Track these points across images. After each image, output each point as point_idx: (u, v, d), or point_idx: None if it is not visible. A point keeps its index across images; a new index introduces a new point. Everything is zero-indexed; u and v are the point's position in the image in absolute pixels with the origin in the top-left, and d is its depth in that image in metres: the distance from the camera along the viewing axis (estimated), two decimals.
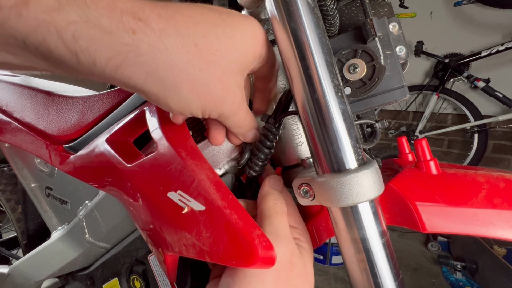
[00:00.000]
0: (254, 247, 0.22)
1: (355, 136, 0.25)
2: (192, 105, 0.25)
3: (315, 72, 0.25)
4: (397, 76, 0.31)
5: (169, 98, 0.24)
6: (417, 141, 0.34)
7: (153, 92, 0.23)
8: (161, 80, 0.22)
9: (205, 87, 0.25)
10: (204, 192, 0.25)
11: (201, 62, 0.24)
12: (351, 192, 0.24)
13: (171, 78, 0.23)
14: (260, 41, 0.28)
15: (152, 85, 0.23)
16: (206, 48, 0.24)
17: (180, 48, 0.22)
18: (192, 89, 0.24)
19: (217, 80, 0.25)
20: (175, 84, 0.23)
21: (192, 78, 0.24)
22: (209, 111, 0.26)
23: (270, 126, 0.32)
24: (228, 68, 0.25)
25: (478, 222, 0.28)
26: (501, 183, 0.30)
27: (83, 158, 0.46)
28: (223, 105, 0.26)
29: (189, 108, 0.25)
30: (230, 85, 0.26)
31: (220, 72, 0.25)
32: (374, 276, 0.25)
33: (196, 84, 0.24)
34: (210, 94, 0.25)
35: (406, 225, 0.30)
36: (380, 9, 0.34)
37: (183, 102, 0.25)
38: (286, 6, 0.25)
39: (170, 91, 0.23)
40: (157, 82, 0.22)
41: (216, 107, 0.26)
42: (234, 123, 0.29)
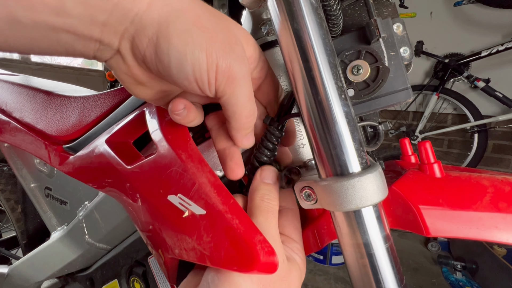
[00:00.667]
0: (255, 253, 0.22)
1: (359, 139, 0.25)
2: (196, 40, 0.22)
3: (318, 73, 0.24)
4: (401, 77, 0.30)
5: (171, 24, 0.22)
6: (421, 144, 0.34)
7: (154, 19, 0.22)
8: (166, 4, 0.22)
9: (212, 25, 0.23)
10: (205, 196, 0.25)
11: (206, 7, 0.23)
12: (354, 197, 0.24)
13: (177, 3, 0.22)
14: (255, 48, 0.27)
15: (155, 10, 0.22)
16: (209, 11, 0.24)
17: None
18: (196, 21, 0.22)
19: (223, 28, 0.24)
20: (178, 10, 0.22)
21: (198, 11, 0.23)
22: (217, 59, 0.23)
23: (273, 129, 0.32)
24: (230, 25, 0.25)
25: (483, 226, 0.28)
26: (506, 186, 0.29)
27: (83, 158, 0.45)
28: (231, 53, 0.23)
29: (192, 45, 0.22)
30: (237, 38, 0.25)
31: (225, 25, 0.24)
32: (377, 281, 0.25)
33: (201, 18, 0.23)
34: (216, 35, 0.23)
35: (410, 228, 0.30)
36: (384, 10, 0.34)
37: (186, 34, 0.22)
38: (289, 6, 0.25)
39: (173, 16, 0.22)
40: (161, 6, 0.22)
41: (224, 53, 0.23)
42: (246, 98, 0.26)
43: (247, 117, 0.27)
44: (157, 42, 0.22)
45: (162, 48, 0.22)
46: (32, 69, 2.70)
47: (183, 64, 0.22)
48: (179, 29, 0.22)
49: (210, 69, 0.23)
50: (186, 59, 0.22)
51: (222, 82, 0.24)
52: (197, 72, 0.23)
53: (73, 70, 3.07)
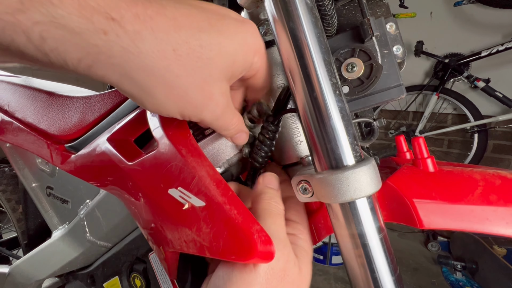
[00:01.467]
0: (253, 242, 0.23)
1: (353, 133, 0.26)
2: (169, 108, 0.24)
3: (314, 71, 0.25)
4: (394, 75, 0.31)
5: (144, 99, 0.23)
6: (414, 139, 0.35)
7: (128, 92, 0.23)
8: (135, 82, 0.22)
9: (183, 93, 0.23)
10: (205, 188, 0.26)
11: (180, 69, 0.22)
12: (349, 188, 0.24)
13: (145, 82, 0.22)
14: (252, 49, 0.26)
15: (127, 86, 0.22)
16: (187, 55, 0.22)
17: (156, 52, 0.21)
18: (168, 94, 0.23)
19: (196, 87, 0.23)
20: (149, 87, 0.22)
21: (168, 83, 0.22)
22: (189, 116, 0.25)
23: (269, 124, 0.32)
24: (210, 76, 0.24)
25: (475, 218, 0.28)
26: (497, 180, 0.30)
27: (85, 157, 0.46)
28: (203, 112, 0.25)
29: (166, 111, 0.24)
30: (212, 93, 0.25)
31: (201, 80, 0.23)
32: (371, 271, 0.26)
33: (172, 89, 0.23)
34: (188, 101, 0.24)
35: (404, 221, 0.31)
36: (377, 9, 0.35)
37: (159, 105, 0.23)
38: (285, 6, 0.25)
39: (145, 93, 0.22)
40: (131, 83, 0.22)
41: (196, 113, 0.25)
42: (218, 127, 0.28)
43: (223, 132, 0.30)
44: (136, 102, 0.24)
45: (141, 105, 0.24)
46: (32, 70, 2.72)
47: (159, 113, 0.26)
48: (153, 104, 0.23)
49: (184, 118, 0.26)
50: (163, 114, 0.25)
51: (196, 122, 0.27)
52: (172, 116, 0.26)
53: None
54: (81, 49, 0.19)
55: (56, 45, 0.18)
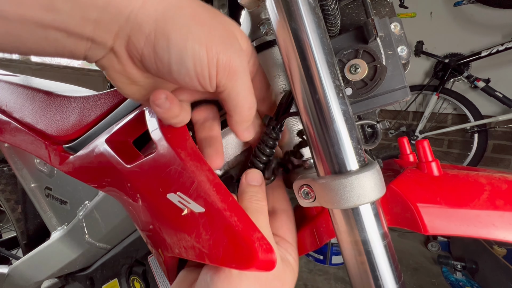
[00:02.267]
0: (254, 250, 0.22)
1: (357, 137, 0.25)
2: (196, 35, 0.22)
3: (316, 72, 0.25)
4: (399, 76, 0.31)
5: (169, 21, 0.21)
6: (418, 142, 0.34)
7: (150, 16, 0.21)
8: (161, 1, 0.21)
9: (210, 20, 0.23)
10: (204, 194, 0.25)
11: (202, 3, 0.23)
12: (352, 194, 0.24)
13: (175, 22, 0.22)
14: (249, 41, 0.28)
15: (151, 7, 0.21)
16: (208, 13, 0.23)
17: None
18: (195, 16, 0.22)
19: (220, 23, 0.24)
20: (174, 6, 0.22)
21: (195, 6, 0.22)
22: (217, 53, 0.23)
23: (270, 130, 0.32)
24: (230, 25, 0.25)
25: (480, 224, 0.28)
26: (504, 184, 0.29)
27: (83, 158, 0.45)
28: (230, 47, 0.24)
29: (192, 41, 0.22)
30: (234, 37, 0.25)
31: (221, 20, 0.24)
32: (375, 278, 0.25)
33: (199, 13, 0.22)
34: (214, 29, 0.23)
35: (408, 226, 0.30)
36: (381, 9, 0.34)
37: (185, 29, 0.22)
38: (287, 6, 0.25)
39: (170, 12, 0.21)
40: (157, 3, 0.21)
41: (224, 49, 0.23)
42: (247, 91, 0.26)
43: (248, 109, 0.27)
44: (155, 40, 0.22)
45: (161, 45, 0.22)
46: (32, 69, 2.71)
47: (184, 60, 0.22)
48: (178, 25, 0.21)
49: (211, 63, 0.23)
50: (187, 54, 0.22)
51: (224, 76, 0.24)
52: (198, 67, 0.23)
53: (73, 70, 3.07)
54: None
55: None
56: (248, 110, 0.27)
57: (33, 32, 0.19)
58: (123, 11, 0.21)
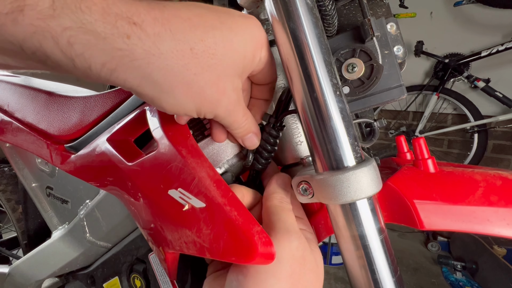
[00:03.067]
0: (253, 243, 0.22)
1: (354, 134, 0.26)
2: (186, 107, 0.25)
3: (314, 71, 0.25)
4: (395, 75, 0.31)
5: (163, 100, 0.24)
6: (415, 140, 0.35)
7: (147, 95, 0.24)
8: (156, 83, 0.23)
9: (200, 90, 0.25)
10: (205, 189, 0.26)
11: (197, 67, 0.24)
12: (349, 189, 0.24)
13: (165, 82, 0.23)
14: (259, 43, 0.27)
15: (147, 88, 0.23)
16: (203, 52, 0.24)
17: (175, 52, 0.22)
18: (186, 93, 0.24)
19: (212, 84, 0.25)
20: (169, 88, 0.23)
21: (186, 82, 0.24)
22: (204, 113, 0.27)
23: (270, 128, 0.32)
24: (224, 72, 0.25)
25: (476, 219, 0.28)
26: (498, 181, 0.30)
27: (84, 157, 0.46)
28: (218, 107, 0.27)
29: (183, 110, 0.26)
30: (226, 89, 0.26)
31: (215, 76, 0.25)
32: (372, 272, 0.26)
33: (191, 88, 0.24)
34: (204, 97, 0.25)
35: (404, 222, 0.30)
36: (378, 10, 0.34)
37: (177, 105, 0.25)
38: (285, 6, 0.25)
39: (164, 94, 0.24)
40: (151, 85, 0.23)
41: (211, 109, 0.26)
42: (230, 124, 0.29)
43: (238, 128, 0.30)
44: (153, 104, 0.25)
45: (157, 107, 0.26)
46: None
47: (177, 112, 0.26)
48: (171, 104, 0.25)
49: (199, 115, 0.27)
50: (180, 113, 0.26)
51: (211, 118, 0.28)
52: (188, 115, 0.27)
53: None
54: (106, 53, 0.20)
55: (82, 50, 0.19)
56: (235, 130, 0.30)
57: None
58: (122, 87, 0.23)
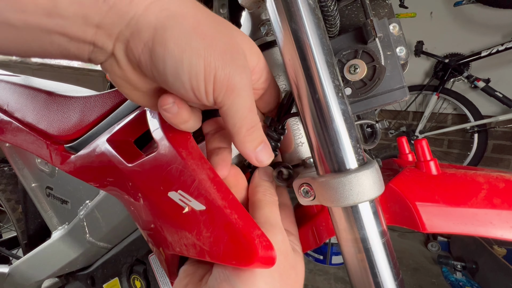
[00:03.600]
0: (254, 247, 0.22)
1: (356, 136, 0.25)
2: (194, 47, 0.21)
3: (316, 72, 0.25)
4: (398, 76, 0.31)
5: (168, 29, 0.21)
6: (417, 142, 0.34)
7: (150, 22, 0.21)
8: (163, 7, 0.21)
9: (213, 32, 0.22)
10: (205, 192, 0.25)
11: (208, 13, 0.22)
12: (351, 192, 0.24)
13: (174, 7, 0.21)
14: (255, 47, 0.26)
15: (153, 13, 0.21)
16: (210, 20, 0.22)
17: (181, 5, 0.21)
18: (196, 27, 0.21)
19: (225, 35, 0.23)
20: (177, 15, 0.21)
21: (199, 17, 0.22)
22: (215, 68, 0.22)
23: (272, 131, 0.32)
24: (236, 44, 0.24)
25: (478, 222, 0.28)
26: (501, 183, 0.30)
27: (84, 158, 0.46)
28: (231, 63, 0.22)
29: (189, 53, 0.21)
30: (239, 51, 0.23)
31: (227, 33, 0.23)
32: (374, 275, 0.26)
33: (202, 24, 0.21)
34: (216, 42, 0.22)
35: (406, 225, 0.30)
36: (380, 10, 0.34)
37: (183, 40, 0.21)
38: (287, 6, 0.25)
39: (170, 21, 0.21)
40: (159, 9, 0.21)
41: (223, 62, 0.22)
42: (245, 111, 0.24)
43: (248, 129, 0.25)
44: (152, 48, 0.21)
45: (157, 53, 0.21)
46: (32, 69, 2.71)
47: (179, 72, 0.21)
48: (176, 34, 0.21)
49: (207, 78, 0.22)
50: (183, 66, 0.21)
51: (221, 93, 0.23)
52: (194, 81, 0.22)
53: (73, 70, 3.07)
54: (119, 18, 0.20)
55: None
56: (247, 130, 0.25)
57: (37, 37, 0.20)
58: (124, 16, 0.20)
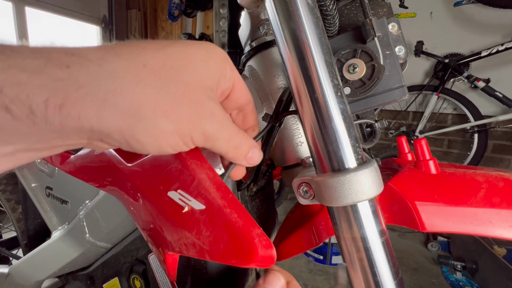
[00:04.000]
0: (253, 246, 0.22)
1: (355, 135, 0.25)
2: (165, 129, 0.21)
3: (315, 72, 0.25)
4: (396, 76, 0.31)
5: (134, 127, 0.20)
6: (416, 141, 0.34)
7: (113, 127, 0.19)
8: (116, 108, 0.19)
9: (171, 104, 0.21)
10: (204, 191, 0.26)
11: (156, 81, 0.20)
12: (350, 191, 0.24)
13: (126, 103, 0.19)
14: (220, 57, 0.25)
15: (108, 118, 0.19)
16: (159, 68, 0.21)
17: (126, 71, 0.19)
18: (155, 109, 0.20)
19: (181, 96, 0.21)
20: (133, 108, 0.19)
21: (151, 98, 0.20)
22: (190, 133, 0.22)
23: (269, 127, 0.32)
24: (192, 83, 0.22)
25: (477, 221, 0.28)
26: (500, 182, 0.30)
27: (84, 157, 0.46)
28: (201, 121, 0.22)
29: (163, 136, 0.21)
30: (202, 100, 0.23)
31: (183, 88, 0.21)
32: (373, 274, 0.26)
33: (158, 103, 0.20)
34: (180, 112, 0.21)
35: (406, 224, 0.30)
36: (379, 9, 0.34)
37: (152, 129, 0.20)
38: (286, 6, 0.25)
39: (130, 118, 0.19)
40: (112, 112, 0.19)
41: (194, 125, 0.22)
42: (227, 143, 0.25)
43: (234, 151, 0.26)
44: (129, 145, 0.21)
45: (137, 148, 0.21)
46: None
47: (163, 151, 0.22)
48: (144, 128, 0.20)
49: (187, 143, 0.23)
50: (164, 147, 0.22)
51: (201, 144, 0.24)
52: (177, 148, 0.23)
53: None
54: (46, 87, 0.17)
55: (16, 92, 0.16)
56: (234, 151, 0.26)
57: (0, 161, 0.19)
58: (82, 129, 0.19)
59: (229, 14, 0.55)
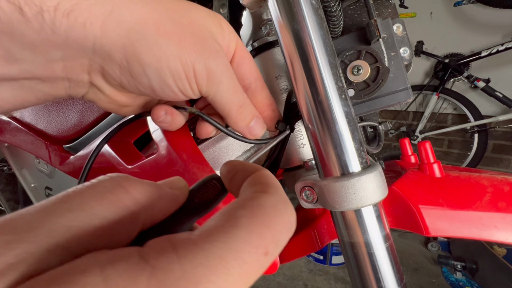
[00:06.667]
0: None
1: (359, 139, 0.25)
2: (167, 51, 0.21)
3: (319, 73, 0.25)
4: (401, 77, 0.31)
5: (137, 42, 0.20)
6: (420, 144, 0.34)
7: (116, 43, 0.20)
8: (120, 21, 0.19)
9: (174, 28, 0.21)
10: None
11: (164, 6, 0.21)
12: (354, 196, 0.24)
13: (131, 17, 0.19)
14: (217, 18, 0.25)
15: (113, 31, 0.19)
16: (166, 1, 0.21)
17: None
18: (159, 28, 0.20)
19: (186, 26, 0.21)
20: (137, 25, 0.20)
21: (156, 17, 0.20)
22: (192, 63, 0.22)
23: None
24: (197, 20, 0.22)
25: (483, 226, 0.28)
26: (506, 186, 0.29)
27: (83, 158, 0.45)
28: (205, 53, 0.22)
29: (165, 59, 0.21)
30: (206, 36, 0.23)
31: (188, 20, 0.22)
32: (377, 280, 0.25)
33: (162, 24, 0.21)
34: (183, 38, 0.21)
35: (409, 228, 0.30)
36: (384, 10, 0.34)
37: (155, 48, 0.20)
38: (289, 7, 0.25)
39: (134, 33, 0.20)
40: (116, 25, 0.19)
41: (197, 56, 0.22)
42: (231, 93, 0.25)
43: (238, 108, 0.26)
44: (129, 67, 0.21)
45: (137, 71, 0.21)
46: None
47: (164, 78, 0.22)
48: (146, 46, 0.20)
49: (188, 75, 0.22)
50: (165, 73, 0.22)
51: (203, 84, 0.23)
52: (179, 82, 0.22)
53: None
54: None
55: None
56: (236, 110, 0.26)
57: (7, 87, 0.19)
58: (85, 43, 0.19)
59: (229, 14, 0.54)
